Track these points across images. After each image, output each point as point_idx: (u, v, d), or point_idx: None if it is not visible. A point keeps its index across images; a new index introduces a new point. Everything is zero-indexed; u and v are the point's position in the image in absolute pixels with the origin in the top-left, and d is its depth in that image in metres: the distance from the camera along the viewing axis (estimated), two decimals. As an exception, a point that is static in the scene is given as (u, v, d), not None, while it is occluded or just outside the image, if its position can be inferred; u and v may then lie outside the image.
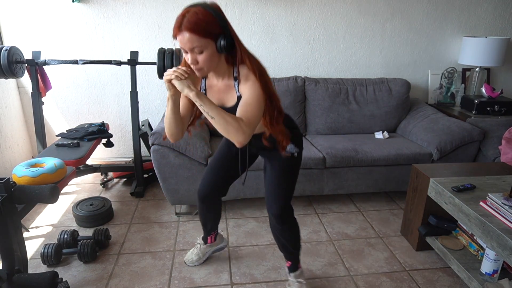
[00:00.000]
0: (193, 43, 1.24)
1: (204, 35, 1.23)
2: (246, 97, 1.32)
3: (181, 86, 1.26)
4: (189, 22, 1.21)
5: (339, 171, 2.56)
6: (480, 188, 1.87)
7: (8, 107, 2.86)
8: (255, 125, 1.31)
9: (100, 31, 2.91)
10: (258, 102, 1.31)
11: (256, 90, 1.31)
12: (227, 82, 1.40)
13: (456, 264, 1.86)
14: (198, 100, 1.25)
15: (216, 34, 1.26)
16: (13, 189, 1.50)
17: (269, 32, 3.07)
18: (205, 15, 1.23)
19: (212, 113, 1.25)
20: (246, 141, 1.27)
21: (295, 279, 1.82)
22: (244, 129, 1.25)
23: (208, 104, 1.25)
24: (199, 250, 2.04)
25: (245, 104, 1.31)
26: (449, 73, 3.24)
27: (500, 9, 3.26)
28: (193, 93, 1.25)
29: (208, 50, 1.26)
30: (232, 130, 1.24)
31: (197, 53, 1.27)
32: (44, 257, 1.96)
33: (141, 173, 2.80)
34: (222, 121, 1.24)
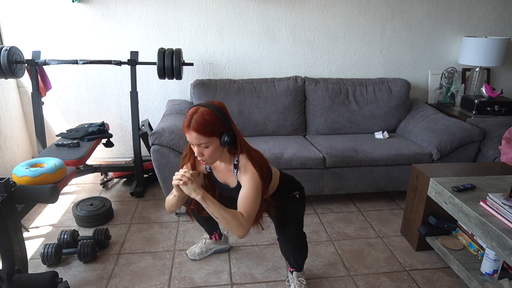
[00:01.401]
0: (199, 140, 1.40)
1: (209, 135, 1.39)
2: (245, 190, 1.47)
3: (188, 190, 1.42)
4: (197, 123, 1.37)
5: (339, 171, 2.56)
6: (480, 188, 1.87)
7: (8, 107, 2.86)
8: (253, 216, 1.47)
9: (100, 31, 2.91)
10: (256, 195, 1.47)
11: (254, 184, 1.46)
12: (228, 167, 1.56)
13: (456, 264, 1.86)
14: (203, 203, 1.41)
15: (221, 132, 1.42)
16: (13, 189, 1.50)
17: (269, 32, 3.07)
18: (211, 116, 1.39)
19: (216, 214, 1.41)
20: (246, 233, 1.44)
21: (296, 277, 1.83)
22: (244, 224, 1.42)
23: (212, 207, 1.41)
24: (203, 244, 2.08)
25: (244, 199, 1.46)
26: (449, 73, 3.24)
27: (500, 9, 3.26)
28: (199, 196, 1.41)
29: (213, 145, 1.43)
30: (233, 227, 1.41)
31: (203, 148, 1.43)
32: (44, 257, 1.96)
33: (141, 173, 2.80)
34: (225, 221, 1.41)
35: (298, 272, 1.85)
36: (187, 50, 3.02)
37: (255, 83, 2.95)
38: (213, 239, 2.09)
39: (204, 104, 1.42)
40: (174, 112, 2.72)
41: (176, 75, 2.63)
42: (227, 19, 2.99)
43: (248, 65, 3.14)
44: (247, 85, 2.93)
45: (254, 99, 2.89)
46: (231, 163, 1.54)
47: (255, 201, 1.47)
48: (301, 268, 1.85)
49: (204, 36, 3.02)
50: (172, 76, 2.63)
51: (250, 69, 3.15)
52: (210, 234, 2.09)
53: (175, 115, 2.64)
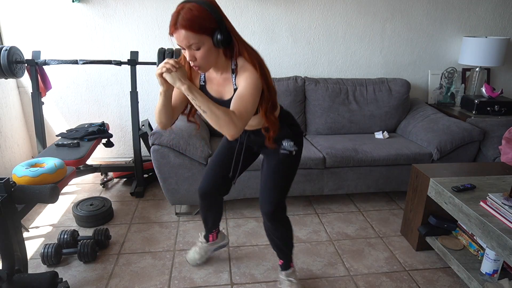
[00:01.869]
0: (189, 40, 1.23)
1: (199, 31, 1.22)
2: (240, 89, 1.32)
3: (172, 79, 1.25)
4: (184, 20, 1.20)
5: (339, 171, 2.56)
6: (480, 188, 1.87)
7: (8, 107, 2.86)
8: (247, 118, 1.30)
9: (100, 31, 2.91)
10: (252, 94, 1.31)
11: (252, 82, 1.30)
12: (226, 75, 1.40)
13: (456, 264, 1.86)
14: (189, 94, 1.25)
15: (212, 29, 1.25)
16: (13, 189, 1.50)
17: (269, 32, 3.07)
18: (199, 11, 1.22)
19: (204, 107, 1.24)
20: (238, 134, 1.26)
21: (286, 278, 1.81)
22: (236, 122, 1.25)
23: (199, 98, 1.24)
24: (201, 249, 2.02)
25: (238, 97, 1.31)
26: (449, 73, 3.24)
27: (500, 9, 3.26)
28: (185, 86, 1.24)
29: (205, 46, 1.26)
30: (224, 124, 1.24)
31: (195, 50, 1.27)
32: (44, 257, 1.96)
33: (141, 173, 2.80)
34: (213, 115, 1.24)
35: (286, 271, 1.82)
36: (187, 50, 3.01)
37: (255, 83, 2.94)
38: (210, 240, 2.02)
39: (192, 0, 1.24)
40: (174, 112, 2.72)
41: (176, 75, 2.62)
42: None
43: (248, 65, 3.13)
44: (247, 85, 2.92)
45: (254, 99, 2.89)
46: (228, 70, 1.38)
47: (251, 100, 1.30)
48: (287, 260, 1.80)
49: (204, 36, 3.01)
50: (172, 76, 2.63)
51: (250, 69, 3.14)
52: (209, 233, 2.00)
53: (175, 115, 2.64)
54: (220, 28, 1.25)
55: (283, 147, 1.58)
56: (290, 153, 1.59)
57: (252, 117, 1.36)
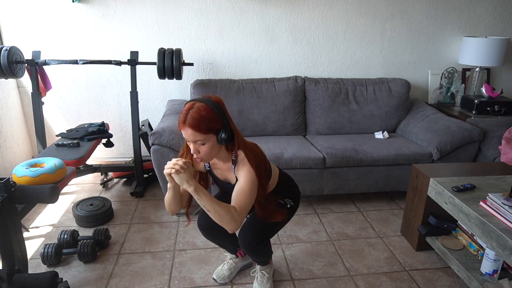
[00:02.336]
0: (195, 137, 1.34)
1: (206, 131, 1.33)
2: (240, 184, 1.42)
3: (180, 180, 1.34)
4: (193, 119, 1.31)
5: (339, 171, 2.56)
6: (480, 188, 1.87)
7: (8, 107, 2.86)
8: (247, 211, 1.41)
9: (100, 31, 2.91)
10: (251, 188, 1.41)
11: (250, 178, 1.41)
12: (227, 164, 1.51)
13: (456, 264, 1.86)
14: (195, 195, 1.34)
15: (218, 129, 1.36)
16: (13, 189, 1.50)
17: (269, 32, 3.07)
18: (208, 112, 1.32)
19: (208, 207, 1.34)
20: (238, 228, 1.38)
21: (260, 270, 1.84)
22: (236, 218, 1.35)
23: (204, 199, 1.34)
24: (231, 265, 1.93)
25: (239, 192, 1.41)
26: (449, 73, 3.24)
27: (500, 9, 3.26)
28: (192, 188, 1.33)
29: (210, 142, 1.37)
30: (225, 222, 1.35)
31: (199, 145, 1.37)
32: (44, 257, 1.96)
33: (141, 173, 2.80)
34: (217, 214, 1.34)
35: (262, 266, 1.84)
36: (187, 50, 3.02)
37: (255, 83, 2.95)
38: (239, 256, 1.95)
39: (201, 99, 1.36)
40: (174, 112, 2.72)
41: (176, 75, 2.63)
42: (227, 19, 2.99)
43: (248, 65, 3.14)
44: (247, 85, 2.93)
45: (254, 99, 2.89)
46: (229, 160, 1.50)
47: (250, 196, 1.41)
48: (264, 264, 1.84)
49: (204, 36, 3.02)
50: (172, 76, 2.63)
51: (250, 69, 3.15)
52: (235, 252, 1.94)
53: (175, 115, 2.64)
54: (225, 128, 1.37)
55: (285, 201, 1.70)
56: (285, 205, 1.70)
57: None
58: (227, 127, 1.37)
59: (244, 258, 1.98)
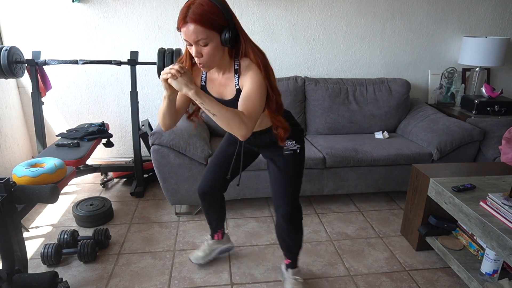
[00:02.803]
0: (198, 35, 1.22)
1: (209, 27, 1.21)
2: (247, 89, 1.31)
3: (179, 85, 1.23)
4: (195, 14, 1.19)
5: (339, 171, 2.56)
6: (480, 188, 1.87)
7: (8, 107, 2.86)
8: (256, 117, 1.30)
9: (100, 31, 2.91)
10: (259, 93, 1.30)
11: (257, 81, 1.30)
12: (228, 75, 1.39)
13: (456, 264, 1.86)
14: (198, 99, 1.23)
15: (222, 26, 1.24)
16: (13, 189, 1.50)
17: (269, 32, 3.07)
18: (210, 7, 1.21)
19: (213, 110, 1.23)
20: (249, 134, 1.27)
21: (292, 276, 1.82)
22: (246, 122, 1.25)
23: (208, 102, 1.23)
24: (206, 246, 2.02)
25: (246, 97, 1.30)
26: (449, 73, 3.24)
27: (500, 9, 3.26)
28: (192, 91, 1.22)
29: (213, 42, 1.25)
30: (234, 125, 1.24)
31: (202, 46, 1.25)
32: (44, 257, 1.96)
33: (141, 173, 2.80)
34: (224, 117, 1.24)
35: (293, 270, 1.83)
36: (187, 50, 3.01)
37: (255, 83, 2.94)
38: (215, 238, 2.04)
39: None
40: (174, 112, 2.72)
41: (176, 75, 2.63)
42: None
43: (248, 65, 3.13)
44: (247, 85, 2.92)
45: (254, 99, 2.89)
46: (231, 70, 1.37)
47: (258, 100, 1.30)
48: (295, 259, 1.82)
49: (204, 36, 3.01)
50: (172, 76, 2.63)
51: (250, 69, 3.14)
52: (215, 232, 2.03)
53: (175, 115, 2.64)
54: (229, 26, 1.25)
55: (286, 148, 1.58)
56: (294, 152, 1.59)
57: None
58: (231, 25, 1.25)
59: (220, 241, 2.04)
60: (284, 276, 1.86)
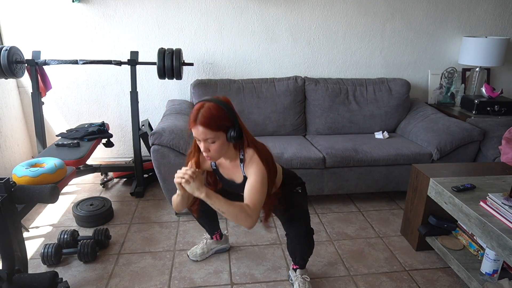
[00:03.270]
0: (206, 135, 1.39)
1: (216, 129, 1.39)
2: (252, 181, 1.46)
3: (191, 189, 1.38)
4: (204, 117, 1.37)
5: (339, 171, 2.56)
6: (480, 188, 1.87)
7: (8, 107, 2.86)
8: (260, 207, 1.46)
9: (100, 31, 2.91)
10: (263, 185, 1.46)
11: (261, 175, 1.46)
12: (234, 163, 1.56)
13: (456, 264, 1.86)
14: (208, 200, 1.38)
15: (227, 127, 1.42)
16: (13, 189, 1.50)
17: (269, 32, 3.07)
18: (218, 111, 1.38)
19: (222, 209, 1.39)
20: (254, 224, 1.42)
21: (300, 275, 1.83)
22: (251, 215, 1.40)
23: (217, 202, 1.38)
24: (204, 245, 2.07)
25: (251, 189, 1.45)
26: (449, 73, 3.24)
27: (500, 9, 3.26)
28: (203, 194, 1.38)
29: (219, 140, 1.42)
30: (241, 219, 1.40)
31: (210, 143, 1.43)
32: (44, 257, 1.96)
33: (141, 173, 2.80)
34: (232, 214, 1.39)
35: (301, 270, 1.84)
36: (187, 50, 3.02)
37: (255, 83, 2.95)
38: (214, 239, 2.09)
39: (210, 99, 1.42)
40: (174, 112, 2.72)
41: (176, 75, 2.63)
42: (227, 19, 2.99)
43: (248, 65, 3.14)
44: (247, 85, 2.93)
45: (254, 99, 2.89)
46: (237, 159, 1.54)
47: (262, 192, 1.45)
48: (305, 265, 1.85)
49: (204, 36, 3.02)
50: (172, 76, 2.63)
51: (250, 69, 3.15)
52: (211, 234, 2.09)
53: (175, 115, 2.64)
54: (234, 126, 1.42)
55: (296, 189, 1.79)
56: (297, 191, 1.80)
57: None
58: (236, 125, 1.42)
59: (219, 241, 2.10)
60: (292, 277, 1.88)
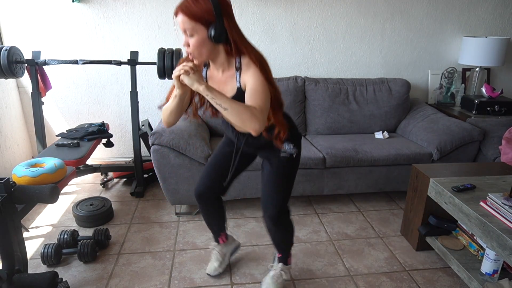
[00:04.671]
0: (184, 25, 1.28)
1: (194, 19, 1.26)
2: (251, 84, 1.33)
3: (191, 81, 1.27)
4: (184, 5, 1.26)
5: (339, 171, 2.56)
6: (480, 188, 1.87)
7: (8, 107, 2.86)
8: (266, 111, 1.32)
9: (100, 31, 2.91)
10: (264, 88, 1.32)
11: (260, 77, 1.33)
12: (228, 73, 1.41)
13: (456, 264, 1.86)
14: (209, 94, 1.26)
15: (208, 22, 1.27)
16: (13, 189, 1.50)
17: (269, 32, 3.07)
18: (203, 1, 1.25)
19: (225, 104, 1.26)
20: (262, 128, 1.27)
21: (279, 268, 1.81)
22: (258, 116, 1.26)
23: (219, 96, 1.26)
24: (217, 255, 1.95)
25: (253, 92, 1.32)
26: (449, 73, 3.24)
27: (500, 9, 3.26)
28: (203, 87, 1.26)
29: (198, 35, 1.29)
30: (246, 119, 1.25)
31: (189, 36, 1.31)
32: (44, 257, 1.96)
33: (141, 173, 2.80)
34: (235, 112, 1.25)
35: (284, 265, 1.82)
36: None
37: (255, 83, 2.94)
38: (221, 242, 1.97)
39: None
40: (174, 112, 2.71)
41: (176, 75, 2.63)
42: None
43: (248, 65, 3.13)
44: (247, 85, 2.92)
45: (254, 99, 2.89)
46: (231, 68, 1.39)
47: (266, 94, 1.31)
48: (286, 255, 1.82)
49: (204, 36, 3.01)
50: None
51: (250, 69, 3.14)
52: (218, 236, 1.96)
53: (175, 115, 2.64)
54: (216, 23, 1.27)
55: (283, 150, 1.57)
56: (291, 156, 1.58)
57: None
58: (219, 23, 1.27)
59: (227, 242, 1.99)
60: (273, 265, 1.85)
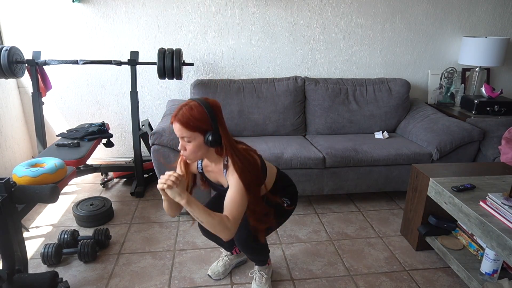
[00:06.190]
0: (182, 133, 1.38)
1: (192, 129, 1.37)
2: (231, 192, 1.44)
3: (173, 194, 1.37)
4: (182, 116, 1.36)
5: (339, 171, 2.56)
6: (480, 188, 1.87)
7: (8, 107, 2.86)
8: (239, 219, 1.43)
9: (100, 31, 2.91)
10: (241, 198, 1.43)
11: (239, 187, 1.42)
12: (219, 167, 1.53)
13: (456, 264, 1.86)
14: (188, 207, 1.37)
15: (205, 130, 1.38)
16: (13, 189, 1.50)
17: (269, 32, 3.07)
18: (198, 112, 1.36)
19: (201, 218, 1.38)
20: (232, 236, 1.41)
21: (258, 271, 1.84)
22: (229, 227, 1.39)
23: (197, 210, 1.37)
24: (226, 261, 1.96)
25: (230, 201, 1.43)
26: (449, 73, 3.24)
27: (500, 9, 3.26)
28: (184, 201, 1.37)
29: (196, 141, 1.40)
30: (219, 231, 1.39)
31: (186, 142, 1.41)
32: (44, 257, 1.96)
33: (141, 173, 2.80)
34: (210, 225, 1.38)
35: (260, 266, 1.85)
36: (187, 50, 3.02)
37: (255, 83, 2.95)
38: (234, 253, 1.99)
39: (197, 99, 1.40)
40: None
41: (176, 75, 2.63)
42: (227, 19, 2.99)
43: (248, 65, 3.14)
44: (247, 85, 2.93)
45: (254, 99, 2.89)
46: (220, 163, 1.51)
47: (241, 204, 1.43)
48: (262, 263, 1.85)
49: (204, 36, 3.02)
50: (172, 76, 2.64)
51: (250, 69, 3.15)
52: (230, 250, 1.98)
53: (175, 115, 2.64)
54: (213, 130, 1.38)
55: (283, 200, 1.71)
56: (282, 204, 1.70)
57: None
58: (215, 130, 1.39)
59: (239, 255, 2.02)
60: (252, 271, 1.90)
